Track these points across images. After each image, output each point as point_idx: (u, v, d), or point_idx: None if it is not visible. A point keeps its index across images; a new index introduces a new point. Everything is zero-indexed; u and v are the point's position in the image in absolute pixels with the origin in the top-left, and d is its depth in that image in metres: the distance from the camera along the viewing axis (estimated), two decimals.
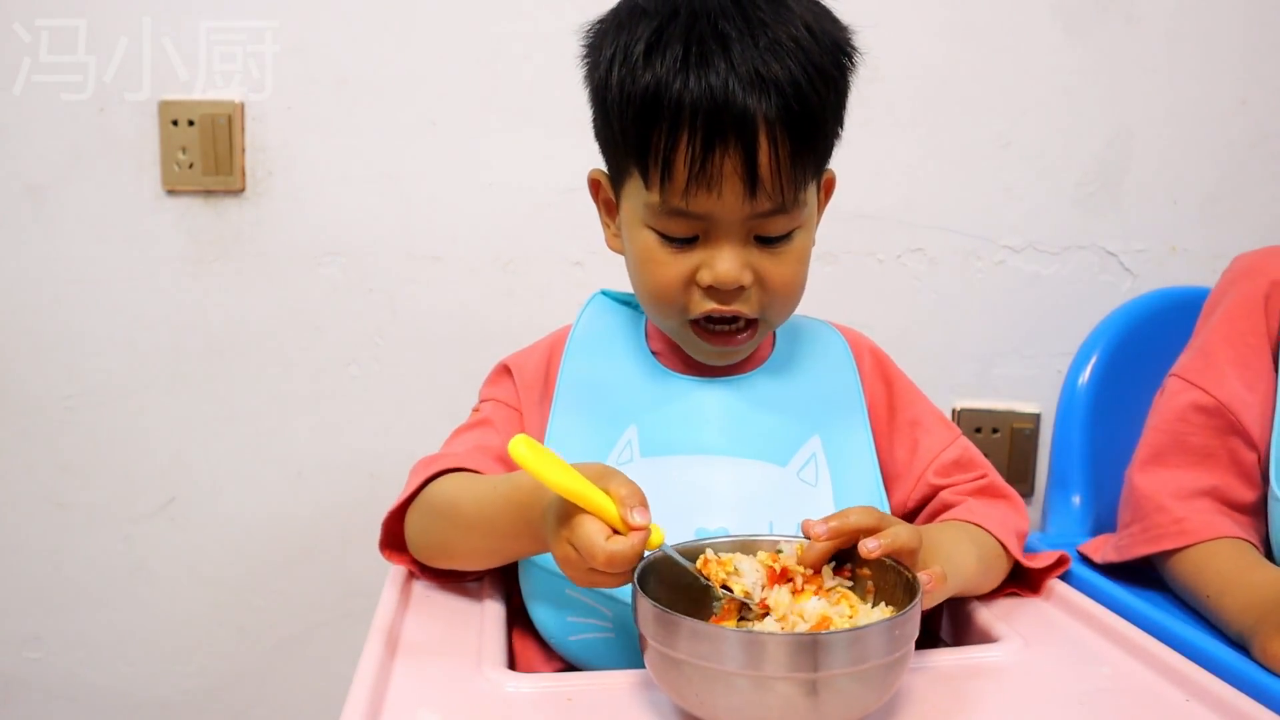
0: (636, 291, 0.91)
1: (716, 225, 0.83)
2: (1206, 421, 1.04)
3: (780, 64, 0.79)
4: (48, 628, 1.54)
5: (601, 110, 0.87)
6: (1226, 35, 1.42)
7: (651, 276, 0.87)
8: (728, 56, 0.79)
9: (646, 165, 0.82)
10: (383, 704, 0.72)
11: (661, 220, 0.84)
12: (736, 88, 0.78)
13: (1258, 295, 1.07)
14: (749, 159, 0.79)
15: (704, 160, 0.79)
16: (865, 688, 0.66)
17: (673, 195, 0.82)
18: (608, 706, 0.72)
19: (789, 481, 0.89)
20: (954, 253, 1.46)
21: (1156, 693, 0.75)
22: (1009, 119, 1.44)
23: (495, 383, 1.00)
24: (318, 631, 1.54)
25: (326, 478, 1.51)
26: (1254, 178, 1.45)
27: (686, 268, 0.85)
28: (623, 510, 0.70)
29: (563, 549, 0.72)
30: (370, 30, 1.41)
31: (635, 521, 0.69)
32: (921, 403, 0.99)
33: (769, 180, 0.81)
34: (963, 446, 0.97)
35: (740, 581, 0.73)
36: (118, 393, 1.48)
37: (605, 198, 0.94)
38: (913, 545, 0.74)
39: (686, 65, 0.79)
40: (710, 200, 0.81)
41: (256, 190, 1.44)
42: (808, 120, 0.81)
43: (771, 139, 0.80)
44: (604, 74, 0.85)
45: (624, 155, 0.86)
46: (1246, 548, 0.99)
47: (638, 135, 0.82)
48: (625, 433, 0.90)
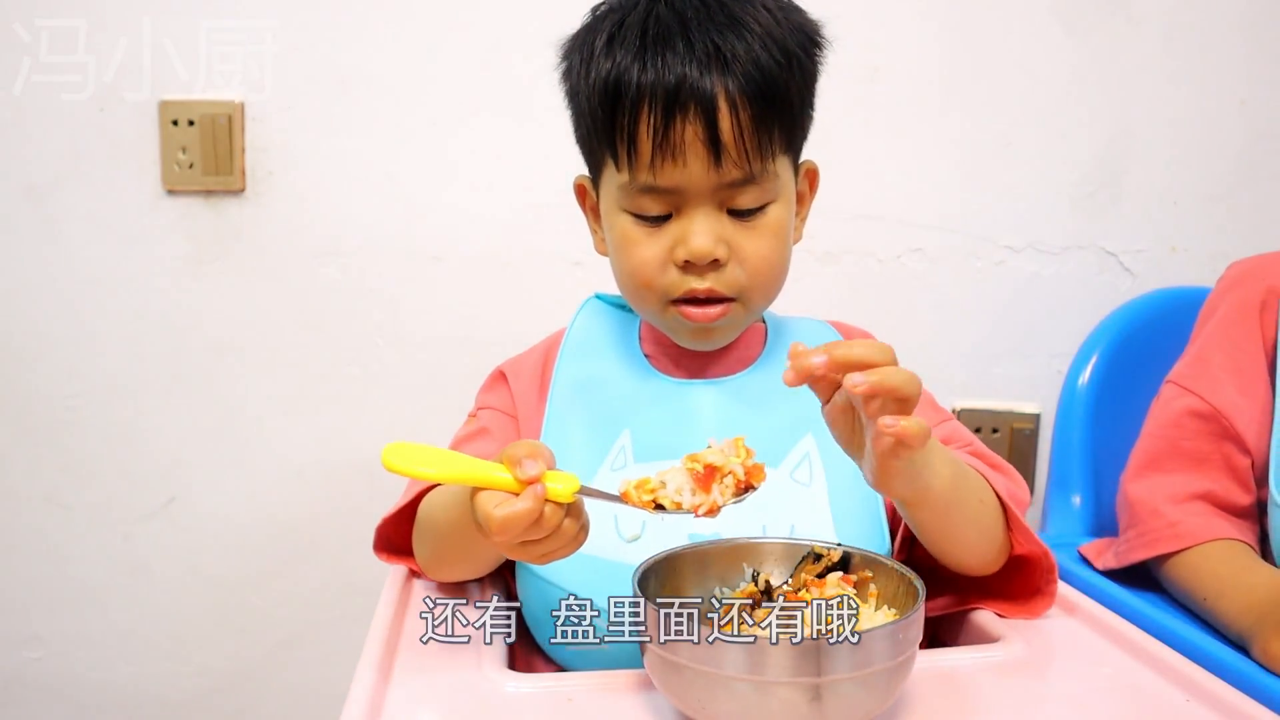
0: (618, 282, 0.91)
1: (687, 199, 0.84)
2: (1201, 427, 1.05)
3: (740, 40, 0.81)
4: (48, 628, 1.54)
5: (577, 111, 0.89)
6: (1226, 35, 1.42)
7: (628, 259, 0.87)
8: (686, 34, 0.81)
9: (615, 146, 0.83)
10: (383, 704, 0.72)
11: (633, 199, 0.85)
12: (693, 63, 0.80)
13: (1253, 302, 1.08)
14: (709, 125, 0.80)
15: (665, 130, 0.80)
16: (869, 693, 0.66)
17: (640, 170, 0.83)
18: (608, 706, 0.72)
19: (782, 483, 0.88)
20: (954, 253, 1.46)
21: (1156, 693, 0.75)
22: (1009, 119, 1.44)
23: (491, 389, 1.00)
24: (318, 631, 1.54)
25: (326, 478, 1.51)
26: (1254, 178, 1.45)
27: (662, 246, 0.85)
28: (513, 470, 0.68)
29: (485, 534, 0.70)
30: (370, 30, 1.41)
31: (524, 475, 0.68)
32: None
33: (733, 146, 0.81)
34: (952, 427, 0.95)
35: (666, 495, 0.72)
36: (118, 393, 1.48)
37: (591, 203, 0.95)
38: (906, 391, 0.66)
39: (644, 46, 0.81)
40: (677, 171, 0.82)
41: (256, 190, 1.44)
42: (769, 90, 0.81)
43: (732, 106, 0.80)
44: (575, 79, 0.87)
45: (597, 144, 0.87)
46: (1243, 549, 0.99)
47: (605, 118, 0.83)
48: (619, 438, 0.90)
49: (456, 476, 0.70)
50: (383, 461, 0.69)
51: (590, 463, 0.90)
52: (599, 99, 0.83)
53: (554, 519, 0.69)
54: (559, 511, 0.70)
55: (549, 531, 0.69)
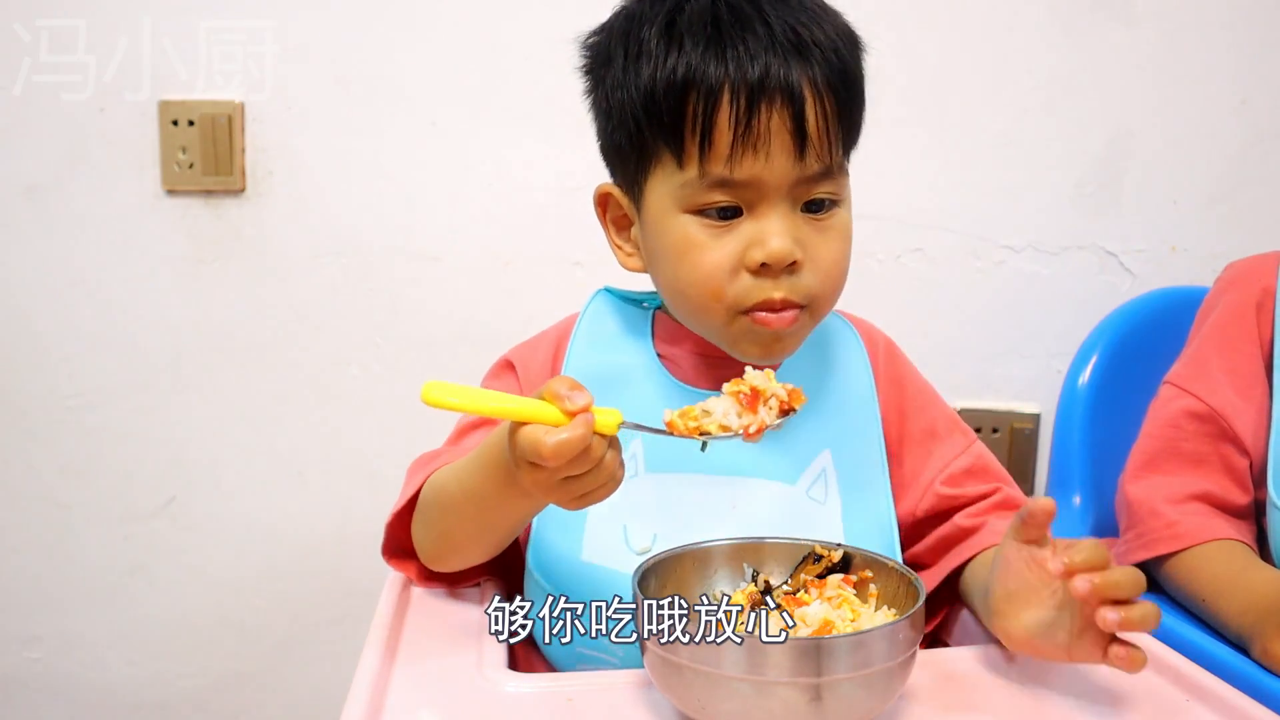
0: (674, 293, 0.85)
1: (763, 194, 0.79)
2: (1199, 428, 1.05)
3: (818, 26, 0.78)
4: (48, 628, 1.54)
5: (619, 113, 0.82)
6: (1226, 35, 1.42)
7: (694, 267, 0.81)
8: (763, 19, 0.77)
9: (682, 140, 0.78)
10: (383, 704, 0.71)
11: (702, 194, 0.79)
12: (776, 49, 0.76)
13: (1249, 303, 1.08)
14: (796, 115, 0.76)
15: (749, 120, 0.76)
16: (869, 693, 0.65)
17: (714, 162, 0.78)
18: (608, 706, 0.72)
19: (798, 500, 0.86)
20: (954, 253, 1.46)
21: (1156, 693, 0.75)
22: (1009, 119, 1.44)
23: (498, 378, 0.96)
24: (318, 631, 1.54)
25: (326, 478, 1.51)
26: (1254, 178, 1.45)
27: (733, 250, 0.80)
28: (559, 403, 0.67)
29: (525, 473, 0.69)
30: (370, 30, 1.41)
31: (573, 405, 0.66)
32: (935, 406, 0.95)
33: (817, 138, 0.78)
34: (975, 454, 0.93)
35: (712, 420, 0.72)
36: (118, 393, 1.48)
37: (616, 215, 0.89)
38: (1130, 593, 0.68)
39: (719, 33, 0.77)
40: (758, 164, 0.77)
41: (256, 190, 1.44)
42: (848, 79, 0.79)
43: (817, 95, 0.77)
44: (619, 75, 0.81)
45: (652, 141, 0.80)
46: (1242, 549, 0.99)
47: (672, 111, 0.78)
48: (630, 446, 0.87)
49: (498, 409, 0.68)
50: (422, 397, 0.67)
51: None
52: (664, 93, 0.78)
53: (599, 450, 0.68)
54: (603, 444, 0.69)
55: (594, 463, 0.68)
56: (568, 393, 0.67)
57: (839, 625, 0.70)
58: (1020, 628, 0.73)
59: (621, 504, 0.84)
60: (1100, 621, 0.66)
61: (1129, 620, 0.66)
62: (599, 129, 0.87)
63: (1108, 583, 0.66)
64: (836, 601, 0.72)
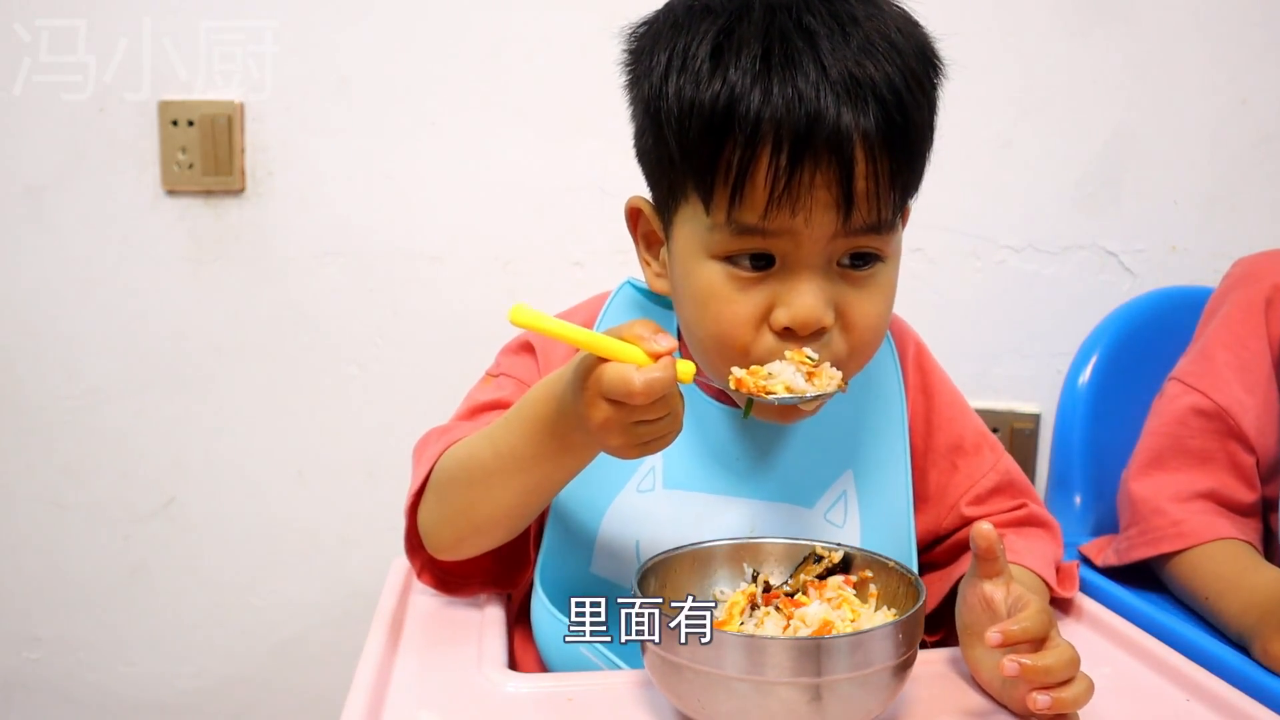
0: (694, 339, 0.79)
1: (798, 246, 0.72)
2: (1205, 425, 1.05)
3: (877, 67, 0.70)
4: (48, 628, 1.54)
5: (654, 126, 0.75)
6: (1226, 35, 1.42)
7: (714, 318, 0.75)
8: (816, 56, 0.69)
9: (712, 184, 0.71)
10: (383, 704, 0.72)
11: (731, 241, 0.73)
12: (828, 94, 0.68)
13: (1258, 299, 1.08)
14: (845, 177, 0.69)
15: (790, 177, 0.69)
16: (869, 693, 0.66)
17: (747, 212, 0.71)
18: (608, 706, 0.72)
19: (815, 524, 0.84)
20: (954, 253, 1.46)
21: (1156, 693, 0.75)
22: (1009, 119, 1.44)
23: (518, 355, 0.92)
24: (318, 632, 1.54)
25: (326, 478, 1.51)
26: (1254, 178, 1.45)
27: (757, 305, 0.73)
28: (645, 344, 0.65)
29: (599, 411, 0.66)
30: (370, 30, 1.41)
31: (659, 347, 0.64)
32: (962, 419, 0.92)
33: (864, 199, 0.70)
34: (1002, 471, 0.91)
35: (777, 381, 0.72)
36: (118, 393, 1.48)
37: (646, 230, 0.83)
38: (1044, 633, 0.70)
39: (768, 67, 0.69)
40: (795, 221, 0.70)
41: (256, 190, 1.44)
42: (909, 132, 0.72)
43: (870, 154, 0.70)
44: (658, 83, 0.73)
45: (681, 176, 0.74)
46: (1245, 549, 0.99)
47: (705, 151, 0.71)
48: (650, 458, 0.83)
49: (586, 340, 0.65)
50: (510, 316, 0.64)
51: (615, 479, 0.84)
52: (701, 125, 0.70)
53: (677, 396, 0.67)
54: (678, 391, 0.67)
55: (671, 409, 0.67)
56: (652, 335, 0.65)
57: (839, 625, 0.70)
58: (972, 659, 0.75)
59: (636, 519, 0.84)
60: (1031, 703, 0.67)
61: (1060, 703, 0.67)
62: (635, 129, 0.81)
63: (1038, 668, 0.67)
64: (836, 602, 0.72)
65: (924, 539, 0.90)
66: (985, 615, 0.72)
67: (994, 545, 0.72)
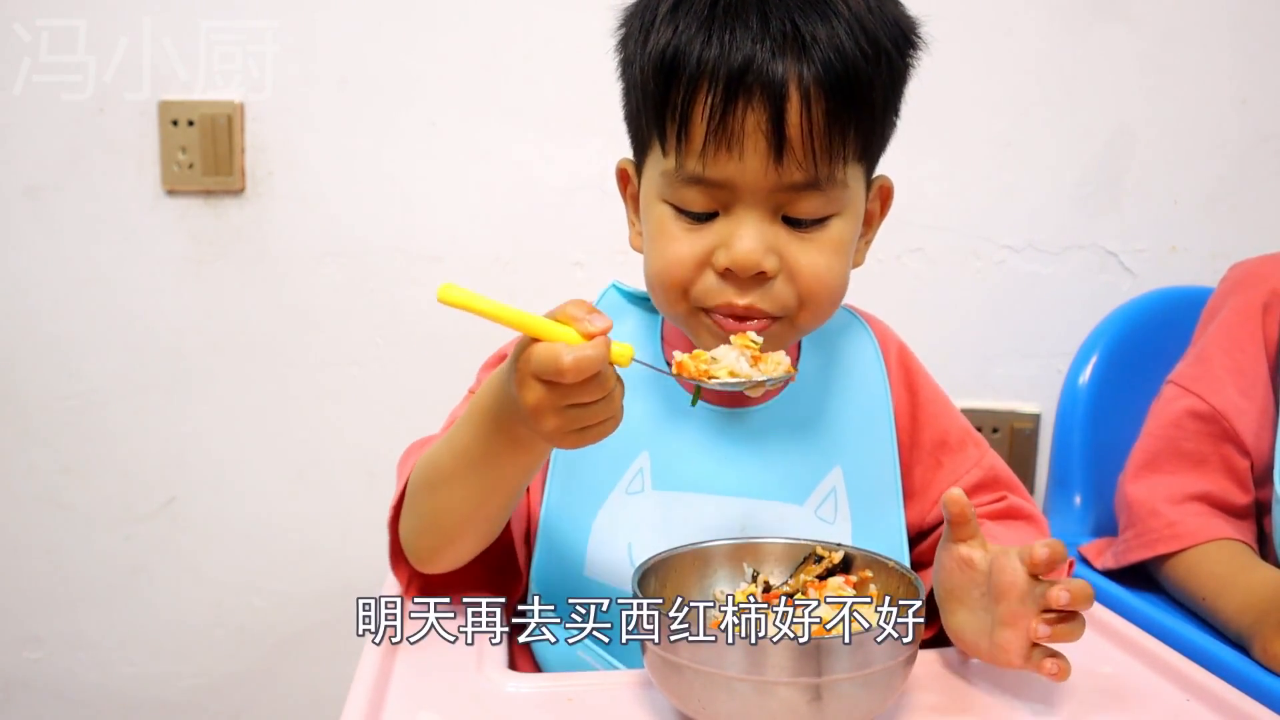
0: (647, 278, 0.82)
1: (738, 196, 0.74)
2: (1201, 428, 1.05)
3: (824, 22, 0.72)
4: (48, 628, 1.54)
5: (627, 80, 0.80)
6: (1226, 35, 1.42)
7: (660, 254, 0.77)
8: (762, 9, 0.72)
9: (664, 127, 0.75)
10: (383, 704, 0.72)
11: (677, 190, 0.76)
12: (766, 41, 0.71)
13: (1256, 303, 1.08)
14: (775, 115, 0.71)
15: (723, 115, 0.71)
16: (869, 692, 0.66)
17: (689, 158, 0.74)
18: (608, 707, 0.72)
19: (805, 521, 0.84)
20: (954, 253, 1.46)
21: (1156, 693, 0.75)
22: (1009, 119, 1.44)
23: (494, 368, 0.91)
24: (318, 632, 1.54)
25: (326, 478, 1.51)
26: (1254, 178, 1.45)
27: (701, 246, 0.76)
28: (578, 325, 0.64)
29: (531, 392, 0.65)
30: (370, 30, 1.41)
31: (593, 327, 0.64)
32: (947, 416, 0.93)
33: (799, 144, 0.72)
34: (986, 467, 0.92)
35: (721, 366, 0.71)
36: (118, 393, 1.48)
37: (633, 191, 0.85)
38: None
39: (711, 17, 0.72)
40: (731, 164, 0.73)
41: (256, 190, 1.44)
42: (850, 83, 0.72)
43: (804, 96, 0.71)
44: (634, 42, 0.78)
45: (645, 123, 0.78)
46: (1241, 549, 0.99)
47: (657, 95, 0.74)
48: (637, 460, 0.85)
49: (514, 319, 0.65)
50: (439, 295, 0.64)
51: (604, 482, 0.85)
52: (652, 71, 0.74)
53: (612, 378, 0.66)
54: (614, 374, 0.66)
55: (605, 392, 0.65)
56: (586, 315, 0.65)
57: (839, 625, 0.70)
58: (956, 625, 0.74)
59: (627, 521, 0.84)
60: (1030, 633, 0.69)
61: (1057, 634, 0.69)
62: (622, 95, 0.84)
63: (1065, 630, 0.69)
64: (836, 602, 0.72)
65: (909, 534, 0.90)
66: (965, 576, 0.73)
67: (965, 509, 0.71)
